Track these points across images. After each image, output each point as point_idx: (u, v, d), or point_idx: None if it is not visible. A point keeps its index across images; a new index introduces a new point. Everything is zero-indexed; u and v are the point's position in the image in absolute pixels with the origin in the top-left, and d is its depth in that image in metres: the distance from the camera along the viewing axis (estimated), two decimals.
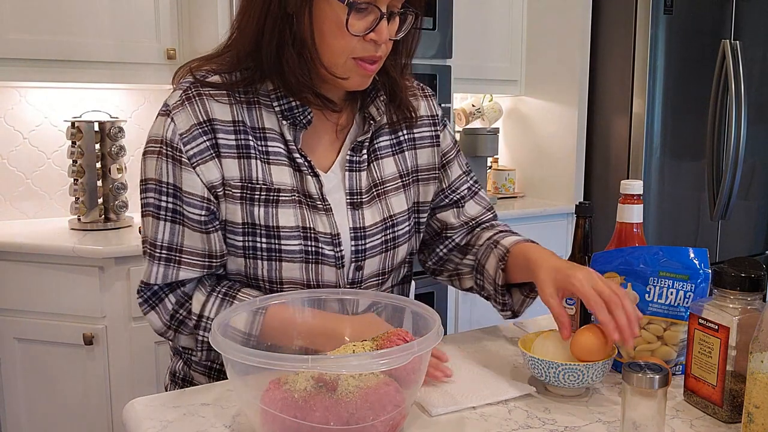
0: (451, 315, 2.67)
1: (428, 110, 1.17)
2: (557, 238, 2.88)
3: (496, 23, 2.95)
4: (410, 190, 1.13)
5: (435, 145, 1.16)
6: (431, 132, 1.16)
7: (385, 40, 0.95)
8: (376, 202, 1.07)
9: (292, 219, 0.99)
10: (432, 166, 1.16)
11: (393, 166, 1.10)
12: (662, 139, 2.74)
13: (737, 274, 0.83)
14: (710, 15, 2.78)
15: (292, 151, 1.00)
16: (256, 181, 0.98)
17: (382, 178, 1.08)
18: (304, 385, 0.75)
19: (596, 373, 0.89)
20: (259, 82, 1.00)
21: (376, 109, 1.07)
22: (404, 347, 0.75)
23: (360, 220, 1.05)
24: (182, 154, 0.95)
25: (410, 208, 1.12)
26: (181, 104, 0.97)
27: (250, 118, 0.99)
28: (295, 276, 1.00)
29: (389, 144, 1.11)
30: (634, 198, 1.07)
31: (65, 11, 2.10)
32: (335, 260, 1.02)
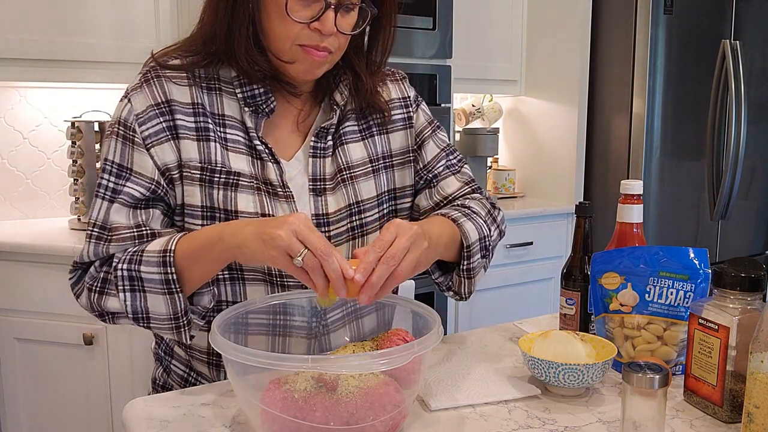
0: (451, 315, 2.67)
1: (399, 92, 1.15)
2: (557, 238, 2.88)
3: (496, 23, 2.95)
4: (382, 176, 1.09)
5: (408, 127, 1.13)
6: (403, 114, 1.13)
7: (330, 31, 0.94)
8: (341, 188, 1.04)
9: (251, 205, 0.98)
10: (406, 149, 1.13)
11: (361, 150, 1.08)
12: (662, 139, 2.74)
13: (737, 274, 0.83)
14: (710, 15, 2.78)
15: (253, 139, 1.00)
16: (215, 164, 0.97)
17: (348, 164, 1.06)
18: (304, 385, 0.75)
19: (596, 373, 0.89)
20: (222, 66, 1.00)
21: (339, 95, 1.06)
22: (404, 347, 0.75)
23: (323, 207, 1.03)
24: (135, 134, 0.96)
25: (381, 194, 1.09)
26: (139, 86, 0.98)
27: (210, 103, 0.99)
28: (257, 264, 0.99)
29: (357, 129, 1.09)
30: (634, 198, 1.07)
31: (65, 11, 2.10)
32: None
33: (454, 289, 1.07)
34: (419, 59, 2.44)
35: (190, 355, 1.08)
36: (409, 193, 1.13)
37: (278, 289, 1.00)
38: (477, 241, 1.02)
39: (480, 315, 2.72)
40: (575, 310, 1.11)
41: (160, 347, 1.14)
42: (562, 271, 1.13)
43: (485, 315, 2.72)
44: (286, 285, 1.00)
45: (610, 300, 1.01)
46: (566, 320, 1.13)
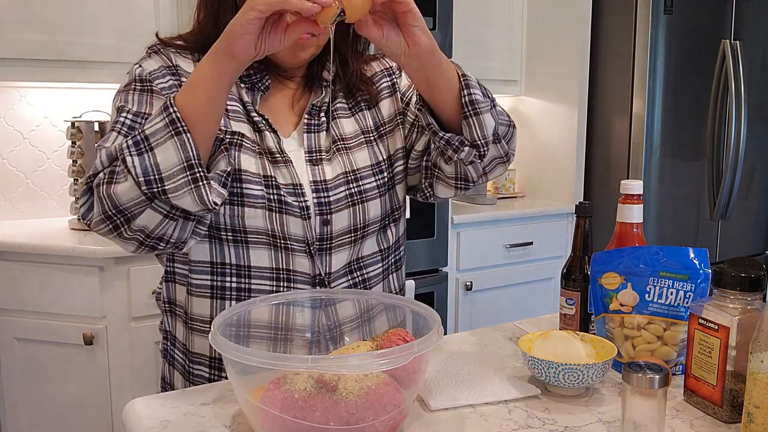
0: (451, 315, 2.67)
1: (381, 65, 1.19)
2: (557, 238, 2.88)
3: (496, 23, 2.95)
4: (376, 146, 1.12)
5: (393, 92, 1.17)
6: (388, 82, 1.17)
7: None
8: (337, 157, 1.08)
9: (254, 165, 1.01)
10: (394, 114, 1.15)
11: (353, 124, 1.12)
12: (662, 139, 2.74)
13: (737, 274, 0.83)
14: (710, 15, 2.78)
15: (250, 111, 1.04)
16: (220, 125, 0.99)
17: (342, 136, 1.10)
18: (304, 385, 0.75)
19: (596, 373, 0.89)
20: None
21: (327, 72, 1.11)
22: (404, 347, 0.75)
23: (320, 174, 1.05)
24: (152, 84, 1.01)
25: (378, 164, 1.11)
26: (147, 56, 1.05)
27: None
28: (259, 225, 1.00)
29: (347, 106, 1.13)
30: (634, 198, 1.07)
31: (65, 11, 2.10)
32: (300, 210, 1.02)
33: (466, 139, 0.99)
34: None
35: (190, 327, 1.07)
36: (401, 155, 1.15)
37: (281, 253, 1.02)
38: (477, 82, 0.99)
39: (480, 315, 2.72)
40: (575, 310, 1.11)
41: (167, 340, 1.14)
42: (562, 271, 1.13)
43: (485, 315, 2.72)
44: (288, 248, 1.02)
45: (610, 300, 1.01)
46: (566, 320, 1.13)
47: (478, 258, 2.69)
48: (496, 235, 2.72)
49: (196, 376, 1.08)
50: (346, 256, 1.07)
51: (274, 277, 1.03)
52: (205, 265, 1.03)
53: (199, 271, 1.04)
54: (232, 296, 1.03)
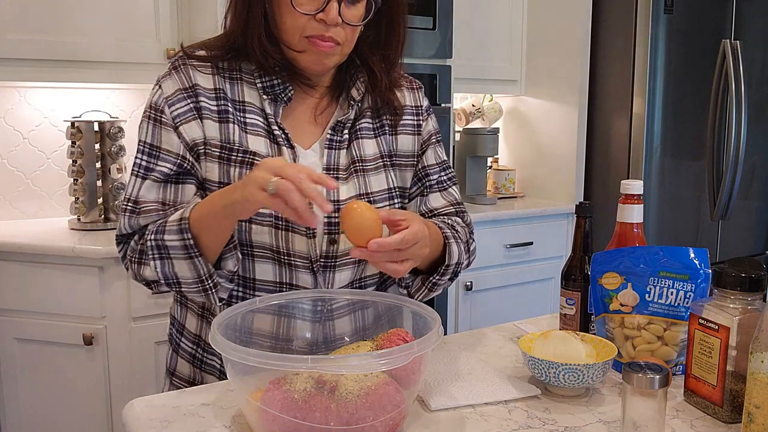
0: (451, 315, 2.67)
1: (413, 101, 1.20)
2: (557, 238, 2.88)
3: (496, 23, 2.95)
4: (391, 173, 1.14)
5: (416, 133, 1.18)
6: (414, 120, 1.19)
7: (334, 21, 0.99)
8: (354, 178, 1.09)
9: None
10: (411, 153, 1.17)
11: (374, 147, 1.13)
12: (662, 139, 2.74)
13: (737, 274, 0.83)
14: (710, 15, 2.78)
15: (271, 124, 1.05)
16: (233, 144, 1.03)
17: (362, 157, 1.11)
18: (304, 385, 0.75)
19: (596, 373, 0.89)
20: (243, 60, 1.07)
21: (356, 91, 1.11)
22: (404, 347, 0.75)
23: (334, 194, 1.06)
24: (164, 115, 1.03)
25: (392, 189, 1.13)
26: (168, 74, 1.06)
27: (232, 91, 1.06)
28: (264, 240, 1.02)
29: (371, 126, 1.14)
30: (634, 198, 1.07)
31: (65, 11, 2.10)
32: (305, 229, 1.03)
33: (409, 289, 1.13)
34: (419, 59, 2.44)
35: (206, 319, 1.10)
36: (406, 194, 1.18)
37: (285, 268, 1.04)
38: (454, 264, 1.09)
39: (480, 315, 2.72)
40: (575, 310, 1.11)
41: (173, 326, 1.17)
42: (562, 271, 1.13)
43: (485, 315, 2.72)
44: (292, 264, 1.04)
45: (610, 300, 1.01)
46: (566, 320, 1.13)
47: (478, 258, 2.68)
48: (496, 235, 2.72)
49: (207, 365, 1.11)
50: (350, 274, 1.09)
51: (277, 291, 1.05)
52: None
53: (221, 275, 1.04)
54: None
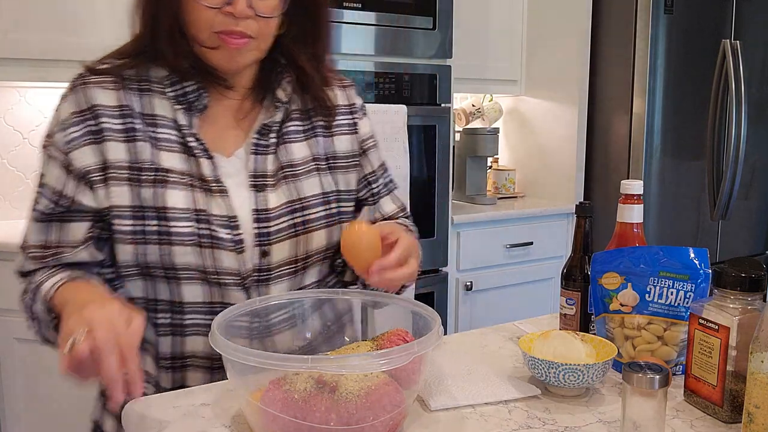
0: (451, 315, 2.67)
1: (346, 99, 1.14)
2: (557, 238, 2.88)
3: (496, 23, 2.95)
4: (326, 176, 1.08)
5: (353, 132, 1.13)
6: (349, 120, 1.13)
7: (243, 14, 0.92)
8: (283, 184, 1.03)
9: (182, 201, 0.96)
10: (351, 153, 1.12)
11: (305, 150, 1.07)
12: (662, 139, 2.74)
13: (737, 274, 0.83)
14: (710, 15, 2.78)
15: (186, 136, 0.99)
16: (143, 163, 0.96)
17: (291, 162, 1.05)
18: (304, 385, 0.75)
19: (596, 373, 0.89)
20: (152, 66, 1.00)
21: (282, 92, 1.05)
22: (404, 347, 0.75)
23: (262, 203, 1.01)
24: (54, 145, 0.97)
25: (327, 193, 1.07)
26: (65, 96, 1.00)
27: (141, 104, 0.99)
28: (190, 261, 0.96)
29: (302, 129, 1.07)
30: (634, 198, 1.07)
31: (65, 11, 2.10)
32: (233, 244, 0.97)
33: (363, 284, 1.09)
34: (419, 59, 2.44)
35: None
36: (353, 198, 1.12)
37: (215, 288, 0.98)
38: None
39: (480, 315, 2.72)
40: (575, 310, 1.11)
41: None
42: (562, 271, 1.13)
43: (485, 315, 2.72)
44: (222, 282, 0.98)
45: (610, 300, 1.01)
46: (566, 320, 1.13)
47: (478, 258, 2.69)
48: (496, 235, 2.72)
49: None
50: (287, 286, 1.03)
51: (208, 311, 0.99)
52: (139, 302, 1.00)
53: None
54: (166, 332, 1.00)
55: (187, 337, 1.00)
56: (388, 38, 2.35)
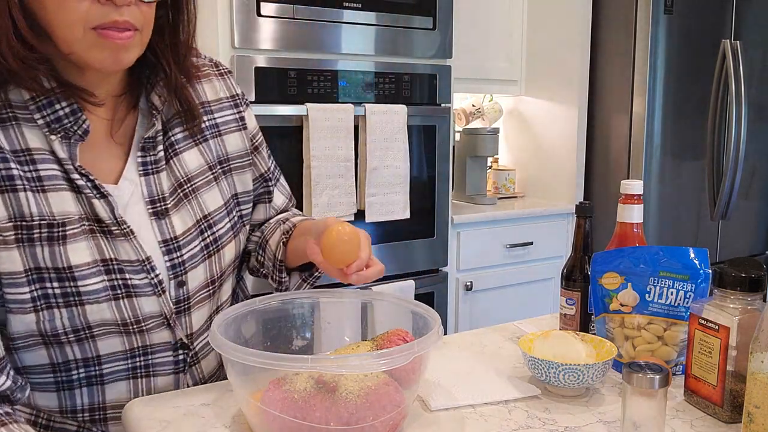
0: (451, 315, 2.67)
1: (227, 90, 1.02)
2: (557, 238, 2.88)
3: (496, 23, 2.95)
4: (224, 182, 0.99)
5: (241, 128, 1.02)
6: (235, 114, 1.02)
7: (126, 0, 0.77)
8: (185, 204, 0.92)
9: (87, 254, 0.83)
10: (243, 151, 1.02)
11: (198, 158, 0.95)
12: (662, 139, 2.74)
13: (737, 274, 0.83)
14: (710, 15, 2.78)
15: (69, 172, 0.83)
16: (32, 218, 0.80)
17: (187, 175, 0.93)
18: (304, 385, 0.75)
19: (596, 373, 0.89)
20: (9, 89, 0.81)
21: (158, 97, 0.91)
22: (404, 347, 0.75)
23: (169, 231, 0.90)
24: None
25: (228, 202, 0.99)
26: None
27: (8, 140, 0.81)
28: (106, 317, 0.85)
29: (189, 134, 0.95)
30: (634, 198, 1.07)
31: None
32: (151, 288, 0.88)
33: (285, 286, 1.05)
34: (419, 59, 2.44)
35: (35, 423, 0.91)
36: (249, 199, 1.05)
37: (136, 336, 0.89)
38: None
39: (480, 315, 2.72)
40: (575, 310, 1.11)
41: None
42: (562, 271, 1.13)
43: (485, 315, 2.72)
44: (144, 329, 0.89)
45: (610, 300, 1.01)
46: (566, 320, 1.13)
47: (478, 258, 2.69)
48: (496, 235, 2.72)
49: None
50: (207, 310, 0.97)
51: (129, 356, 0.90)
52: (46, 368, 0.87)
53: (39, 372, 0.88)
54: (82, 384, 0.90)
55: (106, 385, 0.91)
56: (388, 38, 2.35)
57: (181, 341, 0.94)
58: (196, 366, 0.98)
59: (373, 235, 2.39)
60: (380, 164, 2.31)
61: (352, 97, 2.28)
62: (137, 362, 0.92)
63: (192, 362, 0.97)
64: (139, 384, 0.93)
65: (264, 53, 2.12)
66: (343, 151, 2.23)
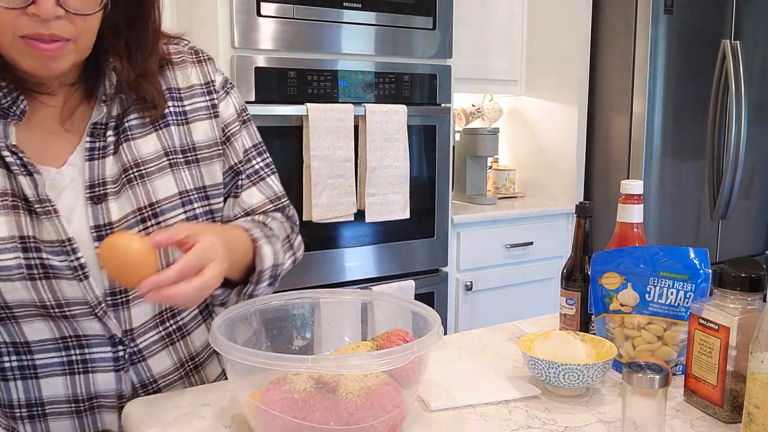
0: (451, 315, 2.67)
1: (201, 77, 0.98)
2: (557, 238, 2.88)
3: (496, 23, 2.95)
4: (184, 172, 0.94)
5: (212, 116, 0.98)
6: (206, 102, 0.98)
7: (49, 15, 0.76)
8: (128, 189, 0.89)
9: (4, 228, 0.82)
10: (213, 141, 0.97)
11: (154, 143, 0.92)
12: (662, 139, 2.74)
13: (737, 274, 0.83)
14: (710, 15, 2.78)
15: (1, 149, 0.83)
16: None
17: (137, 160, 0.90)
18: (304, 385, 0.75)
19: (596, 373, 0.89)
20: None
21: (110, 83, 0.90)
22: (404, 347, 0.75)
23: (104, 216, 0.87)
24: None
25: (187, 192, 0.94)
26: None
27: None
28: (23, 297, 0.83)
29: (149, 120, 0.92)
30: (634, 198, 1.07)
31: None
32: (71, 272, 0.85)
33: (226, 306, 0.96)
34: (419, 59, 2.44)
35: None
36: (220, 192, 1.00)
37: (62, 321, 0.87)
38: (270, 268, 0.95)
39: (480, 315, 2.72)
40: (575, 310, 1.11)
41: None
42: (562, 271, 1.13)
43: (485, 315, 2.72)
44: (68, 315, 0.86)
45: (610, 300, 1.01)
46: (566, 320, 1.13)
47: (478, 258, 2.69)
48: (496, 235, 2.72)
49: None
50: (151, 307, 0.92)
51: (62, 347, 0.88)
52: None
53: None
54: (16, 376, 0.88)
55: (41, 379, 0.89)
56: (388, 38, 2.35)
57: (116, 336, 0.89)
58: (141, 364, 0.93)
59: (373, 235, 2.39)
60: (380, 164, 2.31)
61: (352, 97, 2.28)
62: (72, 355, 0.89)
63: (136, 360, 0.92)
64: (76, 380, 0.89)
65: (264, 53, 2.12)
66: (343, 151, 2.23)
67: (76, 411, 0.90)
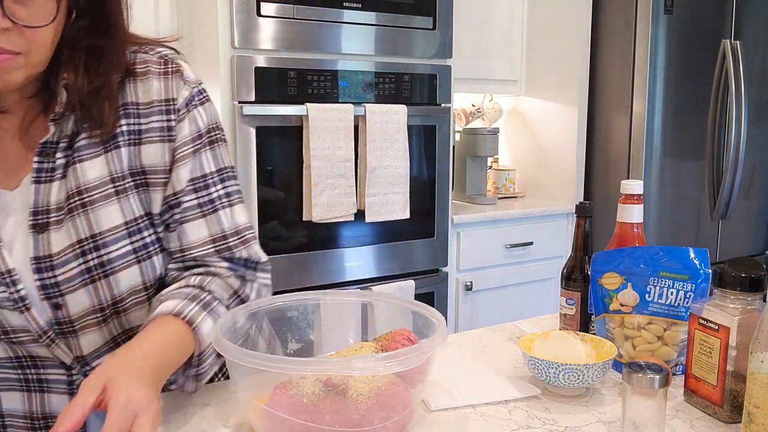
0: (451, 315, 2.67)
1: (163, 92, 0.87)
2: (557, 238, 2.88)
3: (496, 23, 2.95)
4: (133, 198, 0.86)
5: (166, 139, 0.87)
6: (163, 122, 0.87)
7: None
8: (71, 219, 0.83)
9: None
10: (161, 166, 0.87)
11: (101, 167, 0.84)
12: (662, 139, 2.74)
13: (737, 274, 0.83)
14: (710, 15, 2.78)
15: None
16: None
17: (81, 186, 0.83)
18: (312, 389, 0.74)
19: (596, 373, 0.89)
20: None
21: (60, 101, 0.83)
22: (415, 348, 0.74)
23: (44, 247, 0.82)
24: None
25: (134, 221, 0.87)
26: None
27: None
28: None
29: (99, 140, 0.84)
30: (634, 198, 1.07)
31: None
32: (11, 303, 0.81)
33: (177, 385, 0.88)
34: (419, 59, 2.44)
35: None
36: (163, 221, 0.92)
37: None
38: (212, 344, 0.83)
39: (480, 315, 2.72)
40: (575, 310, 1.11)
41: None
42: (562, 271, 1.13)
43: (485, 315, 2.72)
44: (16, 341, 0.84)
45: (610, 300, 1.01)
46: (566, 320, 1.13)
47: (478, 258, 2.70)
48: (496, 235, 2.72)
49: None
50: (100, 335, 0.88)
51: (17, 366, 0.86)
52: None
53: None
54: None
55: (2, 392, 0.88)
56: (388, 38, 2.35)
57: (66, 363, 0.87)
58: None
59: (373, 235, 2.39)
60: (380, 164, 2.31)
61: (352, 97, 2.28)
62: (29, 374, 0.87)
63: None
64: (33, 398, 0.88)
65: (264, 53, 2.12)
66: (343, 151, 2.23)
67: (32, 428, 0.89)
